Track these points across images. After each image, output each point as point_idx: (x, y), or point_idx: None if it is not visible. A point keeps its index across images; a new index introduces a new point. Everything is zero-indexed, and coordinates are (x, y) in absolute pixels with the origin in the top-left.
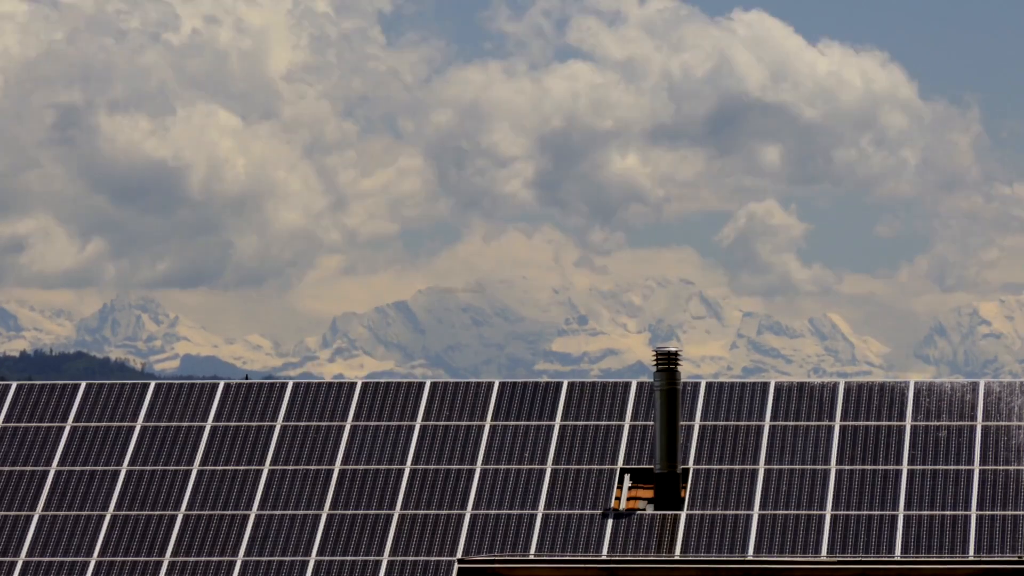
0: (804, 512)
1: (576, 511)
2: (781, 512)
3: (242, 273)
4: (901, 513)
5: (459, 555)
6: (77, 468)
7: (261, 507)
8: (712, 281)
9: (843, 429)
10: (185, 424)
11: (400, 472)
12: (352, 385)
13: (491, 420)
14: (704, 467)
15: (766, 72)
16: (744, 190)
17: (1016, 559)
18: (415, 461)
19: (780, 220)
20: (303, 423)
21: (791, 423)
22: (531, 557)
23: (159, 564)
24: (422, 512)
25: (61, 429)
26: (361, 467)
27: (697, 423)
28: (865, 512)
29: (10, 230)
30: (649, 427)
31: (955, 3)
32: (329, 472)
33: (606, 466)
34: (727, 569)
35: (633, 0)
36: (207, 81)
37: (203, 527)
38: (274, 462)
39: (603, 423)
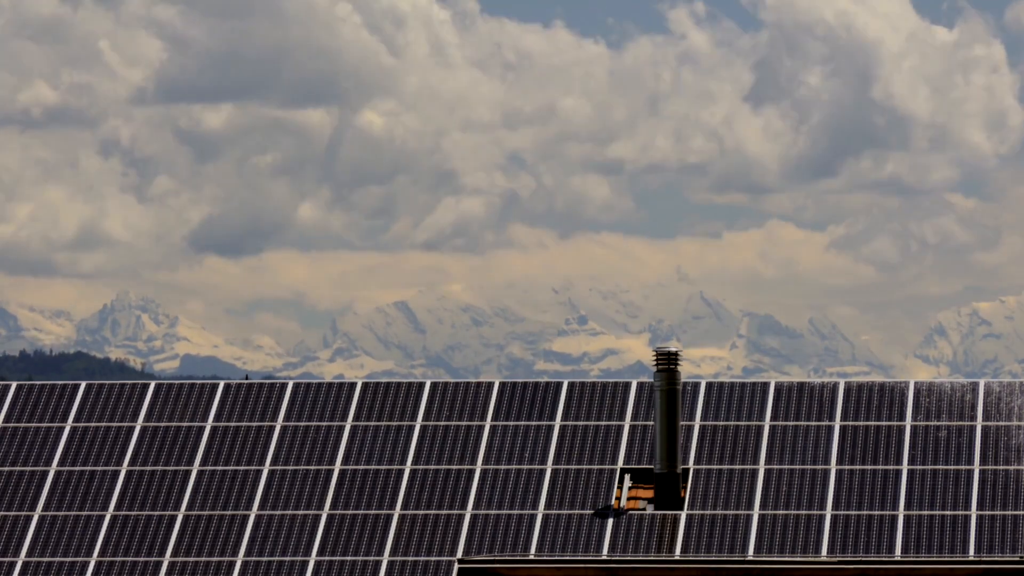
0: (804, 512)
1: (576, 511)
2: (781, 512)
3: None
4: (901, 513)
5: (459, 555)
6: (77, 468)
7: (261, 507)
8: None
9: (843, 429)
10: (185, 424)
11: (400, 472)
12: (352, 385)
13: (491, 420)
14: (704, 467)
15: None
16: None
17: (1016, 559)
18: (415, 461)
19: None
20: (303, 423)
21: (791, 423)
22: (531, 557)
23: (159, 564)
24: (422, 512)
25: (61, 429)
26: (361, 467)
27: (697, 423)
28: (865, 512)
29: None
30: (649, 427)
31: None
32: (329, 472)
33: (606, 466)
34: (727, 569)
35: None
36: None
37: (203, 527)
38: (274, 462)
39: (603, 423)
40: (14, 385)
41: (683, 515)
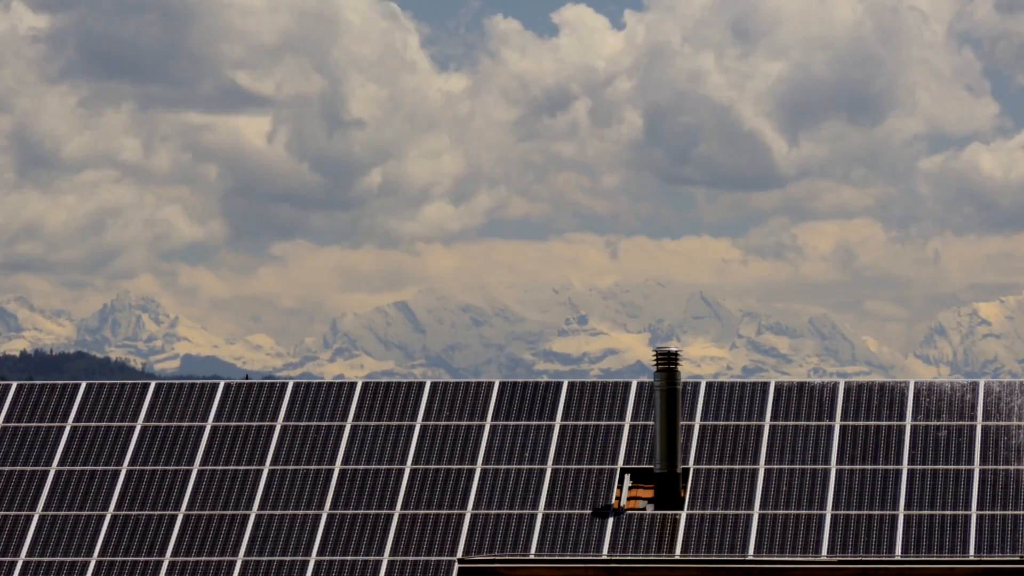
0: (804, 512)
1: (576, 511)
2: (781, 512)
3: None
4: (901, 513)
5: (459, 555)
6: (77, 468)
7: (261, 507)
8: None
9: (843, 429)
10: (185, 424)
11: (400, 472)
12: (352, 385)
13: (491, 420)
14: (704, 467)
15: None
16: None
17: (1016, 559)
18: (415, 461)
19: None
20: (303, 423)
21: (791, 423)
22: (531, 557)
23: (159, 564)
24: (422, 512)
25: (61, 429)
26: (361, 467)
27: (697, 423)
28: (865, 512)
29: None
30: (649, 427)
31: None
32: (329, 472)
33: (606, 466)
34: (727, 569)
35: None
36: None
37: (203, 527)
38: (274, 462)
39: (603, 423)
40: (14, 385)
41: (683, 515)
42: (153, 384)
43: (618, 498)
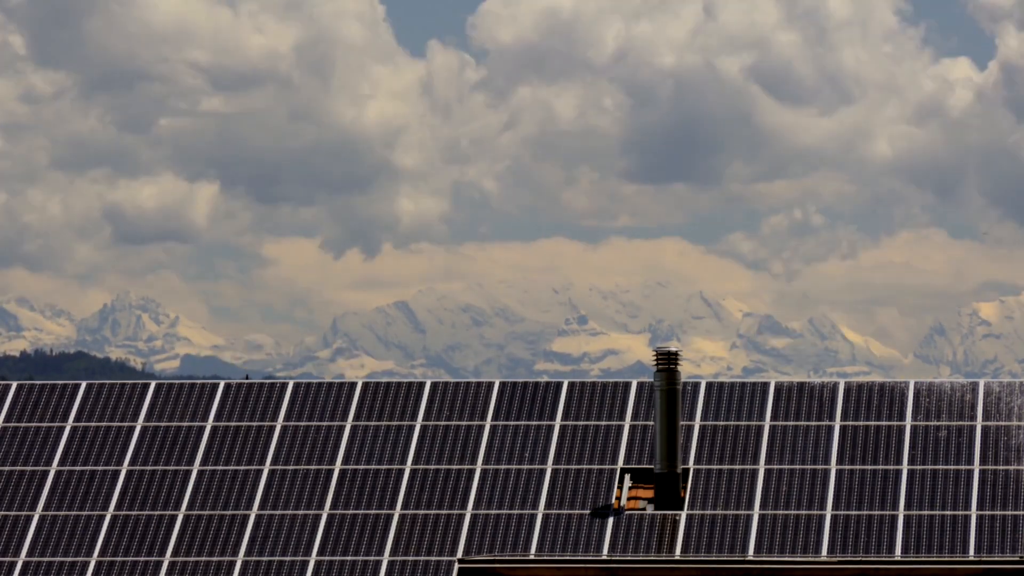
0: (804, 512)
1: (576, 511)
2: (781, 512)
3: None
4: (901, 513)
5: (459, 555)
6: (77, 468)
7: (261, 507)
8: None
9: (843, 429)
10: (185, 424)
11: (400, 472)
12: (352, 385)
13: (491, 420)
14: (704, 467)
15: None
16: None
17: (1016, 559)
18: (415, 461)
19: None
20: (303, 423)
21: (791, 423)
22: (531, 557)
23: (159, 564)
24: (422, 512)
25: (61, 429)
26: (361, 467)
27: (697, 423)
28: (865, 512)
29: None
30: (649, 427)
31: None
32: (329, 472)
33: (606, 466)
34: (727, 569)
35: None
36: None
37: (203, 527)
38: (274, 462)
39: (603, 423)
40: (14, 385)
41: (683, 515)
42: (153, 384)
43: (618, 498)
